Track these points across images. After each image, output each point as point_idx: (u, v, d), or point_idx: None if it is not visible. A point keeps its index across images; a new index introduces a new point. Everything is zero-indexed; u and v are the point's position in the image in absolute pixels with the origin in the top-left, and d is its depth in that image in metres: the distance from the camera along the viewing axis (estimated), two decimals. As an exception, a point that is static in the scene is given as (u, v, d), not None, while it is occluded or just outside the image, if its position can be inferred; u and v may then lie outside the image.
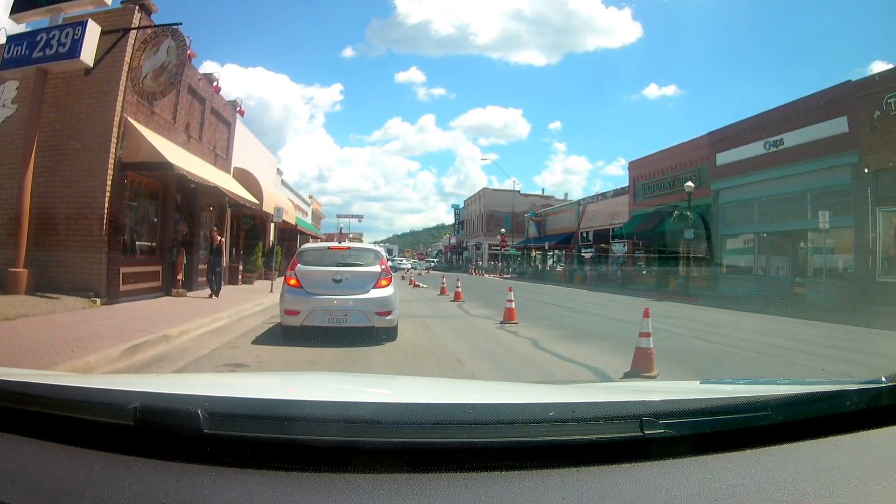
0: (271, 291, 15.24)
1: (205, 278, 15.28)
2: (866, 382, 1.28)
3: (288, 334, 7.45)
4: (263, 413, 1.06)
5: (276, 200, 17.72)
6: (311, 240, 31.21)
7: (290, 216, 22.08)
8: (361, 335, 7.31)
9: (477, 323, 10.23)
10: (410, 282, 25.95)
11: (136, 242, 11.84)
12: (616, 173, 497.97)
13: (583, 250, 38.33)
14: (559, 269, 39.96)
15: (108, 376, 4.27)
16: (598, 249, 35.83)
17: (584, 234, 38.47)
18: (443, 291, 18.05)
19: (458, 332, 8.78)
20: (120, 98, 10.28)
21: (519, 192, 56.09)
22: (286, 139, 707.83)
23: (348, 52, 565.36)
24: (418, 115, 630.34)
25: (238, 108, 17.74)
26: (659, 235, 26.85)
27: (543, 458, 1.02)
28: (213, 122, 15.79)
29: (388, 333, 7.66)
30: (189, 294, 12.79)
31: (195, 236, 14.26)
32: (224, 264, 13.05)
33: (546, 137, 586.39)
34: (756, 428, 1.11)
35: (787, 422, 1.13)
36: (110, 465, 0.99)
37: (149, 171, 10.84)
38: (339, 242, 11.21)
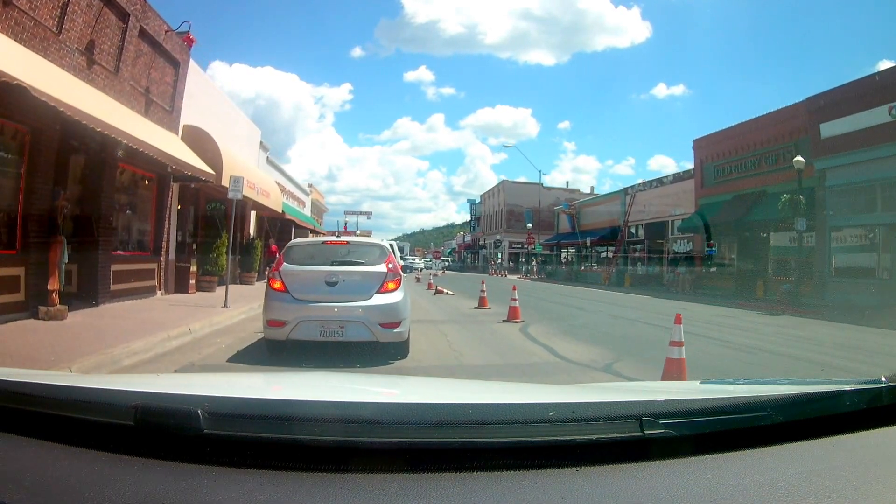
0: (225, 306, 10.06)
1: (125, 285, 9.99)
2: (866, 382, 1.29)
3: (275, 349, 6.47)
4: (264, 413, 1.08)
5: (241, 173, 12.28)
6: (309, 235, 26.12)
7: (274, 201, 17.04)
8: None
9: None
10: (429, 286, 20.45)
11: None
12: (626, 172, 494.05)
13: (630, 247, 32.50)
14: (596, 268, 34.19)
15: (108, 376, 4.27)
16: (653, 246, 30.01)
17: (633, 229, 32.67)
18: (482, 303, 12.59)
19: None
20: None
21: (542, 185, 50.56)
22: (296, 138, 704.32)
23: (357, 52, 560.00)
24: (427, 115, 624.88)
25: (185, 36, 12.31)
26: (743, 228, 21.24)
27: (543, 458, 1.05)
28: (144, 52, 10.81)
29: (397, 349, 6.50)
30: (79, 313, 7.68)
31: (101, 220, 8.93)
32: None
33: (556, 137, 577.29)
34: (756, 428, 1.14)
35: (787, 422, 1.16)
36: (110, 465, 1.01)
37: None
38: (339, 237, 8.82)
